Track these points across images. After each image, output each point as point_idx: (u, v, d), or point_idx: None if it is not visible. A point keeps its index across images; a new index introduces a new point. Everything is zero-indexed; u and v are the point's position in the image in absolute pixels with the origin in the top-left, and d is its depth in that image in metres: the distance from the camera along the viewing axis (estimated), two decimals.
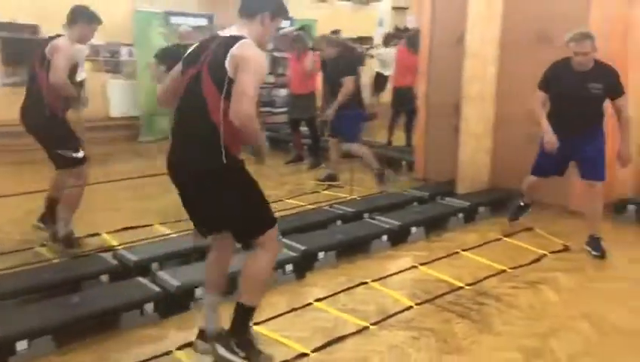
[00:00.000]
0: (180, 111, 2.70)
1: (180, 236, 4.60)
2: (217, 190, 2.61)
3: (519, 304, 3.64)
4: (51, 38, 4.29)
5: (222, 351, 2.78)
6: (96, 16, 4.42)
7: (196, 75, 2.60)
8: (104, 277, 3.71)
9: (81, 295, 3.37)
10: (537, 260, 4.36)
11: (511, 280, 4.00)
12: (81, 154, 4.37)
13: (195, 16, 9.83)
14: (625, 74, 5.32)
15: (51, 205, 4.53)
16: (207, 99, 2.53)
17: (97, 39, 9.04)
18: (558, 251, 4.54)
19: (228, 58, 2.49)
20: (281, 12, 2.74)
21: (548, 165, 4.51)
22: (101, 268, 3.77)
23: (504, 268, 4.18)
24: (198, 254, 4.04)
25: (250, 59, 2.49)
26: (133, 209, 5.57)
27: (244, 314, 2.79)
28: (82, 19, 4.35)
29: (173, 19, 9.36)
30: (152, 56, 8.82)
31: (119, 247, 4.32)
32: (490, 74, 5.70)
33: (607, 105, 4.36)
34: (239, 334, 2.79)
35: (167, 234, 4.77)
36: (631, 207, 5.27)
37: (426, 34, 6.41)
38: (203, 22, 9.89)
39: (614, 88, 4.23)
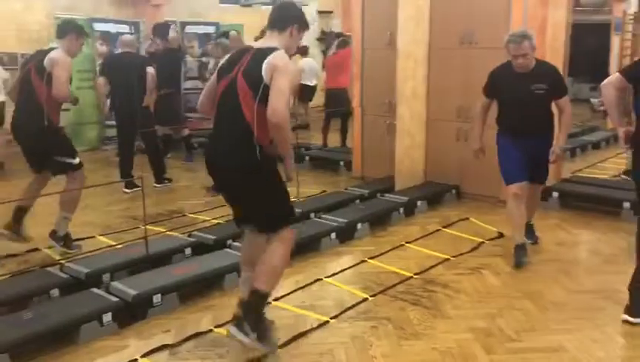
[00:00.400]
0: (218, 116, 2.95)
1: (126, 246, 4.53)
2: (251, 185, 2.88)
3: (465, 289, 3.87)
4: (45, 52, 4.37)
5: (233, 330, 2.90)
6: (84, 30, 4.63)
7: (230, 83, 2.84)
8: (55, 292, 3.61)
9: (35, 310, 3.27)
10: (476, 248, 4.63)
11: (455, 267, 4.24)
12: (77, 160, 4.51)
13: (118, 22, 9.60)
14: None
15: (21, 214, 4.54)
16: (242, 103, 2.78)
17: (15, 47, 8.66)
18: (494, 238, 4.84)
19: (264, 66, 2.74)
20: (304, 24, 3.05)
21: (516, 168, 4.23)
22: (51, 282, 3.67)
23: (447, 256, 4.41)
24: (148, 263, 4.02)
25: (286, 66, 2.78)
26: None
27: (260, 300, 2.92)
28: (71, 32, 4.46)
29: (97, 26, 9.11)
30: (75, 64, 8.56)
31: (63, 261, 4.20)
32: (421, 74, 5.98)
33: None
34: (253, 317, 2.88)
35: (112, 246, 4.68)
36: (555, 194, 5.68)
37: (357, 37, 6.61)
38: (126, 28, 9.68)
39: (558, 87, 4.18)
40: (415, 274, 4.09)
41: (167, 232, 4.85)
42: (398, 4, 5.75)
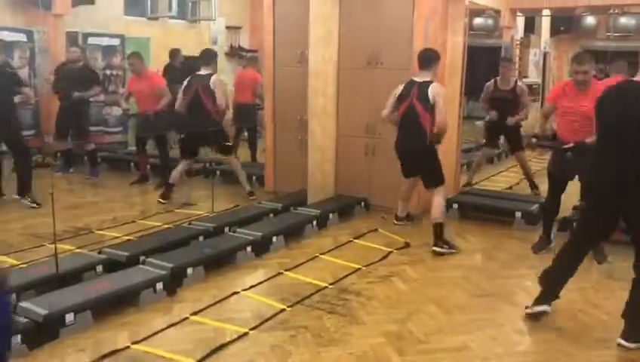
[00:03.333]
0: (403, 123, 5.17)
1: (32, 265, 4.34)
2: (425, 159, 5.16)
3: (377, 296, 4.07)
4: (202, 76, 6.32)
5: (436, 248, 4.97)
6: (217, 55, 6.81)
7: (410, 104, 5.07)
8: None
9: None
10: (385, 257, 4.87)
11: (367, 276, 4.44)
12: (231, 142, 6.92)
13: (12, 30, 9.11)
14: (444, 85, 6.23)
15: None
16: (420, 115, 5.04)
17: None
18: (402, 248, 5.11)
19: (430, 92, 4.98)
20: (439, 61, 5.27)
21: None
22: None
23: (359, 266, 4.61)
24: (57, 282, 3.88)
25: (443, 93, 5.07)
26: None
27: (439, 227, 5.03)
28: (214, 60, 6.55)
29: None
30: None
31: None
32: (330, 91, 6.22)
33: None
34: (440, 238, 5.00)
35: (16, 265, 4.44)
36: (454, 205, 6.08)
37: (269, 53, 6.74)
38: (22, 37, 9.23)
39: None
40: (330, 284, 4.24)
41: (76, 250, 4.69)
42: (310, 23, 5.94)
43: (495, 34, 12.68)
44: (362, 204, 6.20)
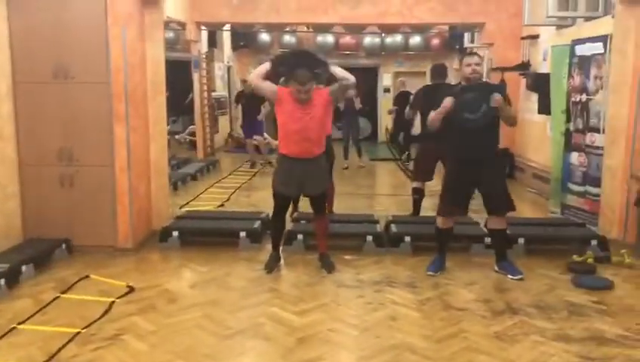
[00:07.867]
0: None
1: None
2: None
3: None
4: None
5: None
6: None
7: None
8: None
9: None
10: (108, 310, 4.00)
11: (90, 341, 3.53)
12: None
13: None
14: (145, 103, 5.61)
15: None
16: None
17: None
18: (125, 294, 4.29)
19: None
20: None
21: None
22: None
23: (77, 330, 3.64)
24: None
25: None
26: None
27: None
28: None
29: None
30: None
31: None
32: (5, 110, 4.95)
33: None
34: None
35: None
36: (174, 233, 5.48)
37: None
38: None
39: None
40: None
41: None
42: None
43: (177, 47, 12.43)
44: (64, 245, 5.10)
